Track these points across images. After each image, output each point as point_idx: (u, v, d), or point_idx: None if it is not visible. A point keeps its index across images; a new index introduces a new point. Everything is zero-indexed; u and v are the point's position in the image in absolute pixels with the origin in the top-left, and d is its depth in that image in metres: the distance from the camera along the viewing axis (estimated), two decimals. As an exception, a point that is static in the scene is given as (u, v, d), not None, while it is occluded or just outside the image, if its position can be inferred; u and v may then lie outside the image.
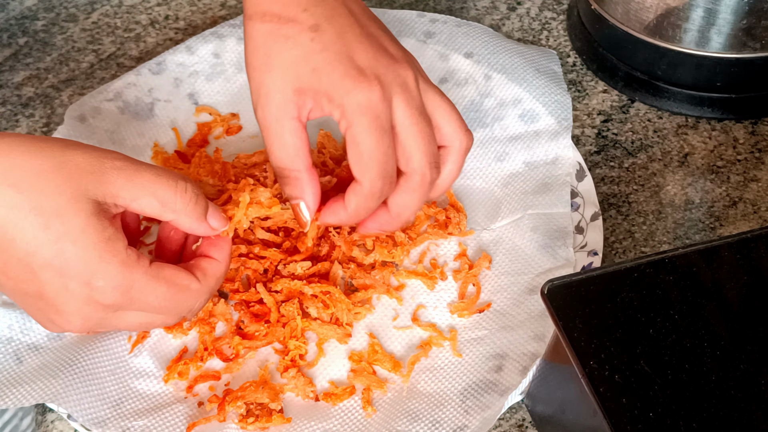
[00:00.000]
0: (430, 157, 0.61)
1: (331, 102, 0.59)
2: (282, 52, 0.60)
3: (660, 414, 0.46)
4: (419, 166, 0.61)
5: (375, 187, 0.60)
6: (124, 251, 0.54)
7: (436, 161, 0.62)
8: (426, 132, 0.61)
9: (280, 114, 0.60)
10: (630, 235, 0.70)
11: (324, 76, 0.59)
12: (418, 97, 0.61)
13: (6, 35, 0.86)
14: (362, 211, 0.61)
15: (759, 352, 0.49)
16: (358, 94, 0.59)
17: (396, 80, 0.60)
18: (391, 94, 0.60)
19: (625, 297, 0.50)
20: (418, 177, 0.61)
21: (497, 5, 0.87)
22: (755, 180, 0.72)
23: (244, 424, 0.59)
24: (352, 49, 0.60)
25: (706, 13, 0.72)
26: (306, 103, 0.60)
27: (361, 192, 0.60)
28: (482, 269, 0.67)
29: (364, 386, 0.61)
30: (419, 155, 0.60)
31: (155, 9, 0.88)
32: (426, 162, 0.61)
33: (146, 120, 0.76)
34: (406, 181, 0.62)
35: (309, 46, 0.60)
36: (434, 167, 0.61)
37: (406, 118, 0.60)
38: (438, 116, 0.62)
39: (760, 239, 0.53)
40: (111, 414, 0.60)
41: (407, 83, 0.61)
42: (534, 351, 0.61)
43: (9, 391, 0.58)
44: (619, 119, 0.77)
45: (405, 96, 0.60)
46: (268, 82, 0.60)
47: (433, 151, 0.61)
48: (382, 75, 0.60)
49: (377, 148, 0.59)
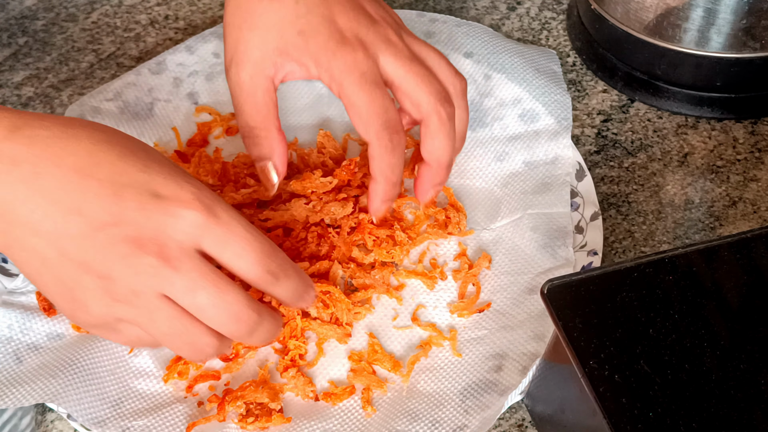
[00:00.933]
0: (437, 94, 0.61)
1: (319, 66, 0.60)
2: (266, 12, 0.60)
3: (660, 414, 0.46)
4: (430, 105, 0.61)
5: (383, 139, 0.60)
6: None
7: (445, 96, 0.62)
8: (423, 73, 0.61)
9: (256, 71, 0.60)
10: (630, 235, 0.70)
11: (310, 39, 0.60)
12: (405, 48, 0.62)
13: (6, 35, 0.86)
14: (387, 169, 0.61)
15: (759, 351, 0.49)
16: (343, 57, 0.60)
17: (378, 38, 0.61)
18: (376, 52, 0.61)
19: (624, 297, 0.50)
20: (435, 116, 0.61)
21: (497, 5, 0.87)
22: (755, 180, 0.72)
23: (243, 424, 0.59)
24: (334, 12, 0.61)
25: (706, 12, 0.72)
26: (285, 64, 0.60)
27: (374, 151, 0.61)
28: (482, 269, 0.67)
29: (364, 386, 0.61)
30: (426, 96, 0.61)
31: (155, 9, 0.88)
32: (435, 100, 0.61)
33: (146, 120, 0.76)
34: (426, 126, 0.62)
35: (293, 8, 0.60)
36: (446, 102, 0.62)
37: (399, 68, 0.61)
38: (431, 63, 0.63)
39: (760, 239, 0.53)
40: (111, 414, 0.60)
41: (390, 38, 0.61)
42: (534, 351, 0.61)
43: (9, 390, 0.58)
44: (618, 119, 0.77)
45: (391, 50, 0.61)
46: (247, 38, 0.60)
47: (438, 89, 0.62)
48: (363, 35, 0.61)
49: (372, 101, 0.60)
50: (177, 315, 0.51)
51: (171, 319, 0.51)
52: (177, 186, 0.50)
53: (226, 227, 0.50)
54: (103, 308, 0.51)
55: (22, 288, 0.65)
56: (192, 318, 0.51)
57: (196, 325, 0.51)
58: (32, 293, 0.65)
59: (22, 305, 0.64)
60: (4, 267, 0.66)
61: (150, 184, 0.50)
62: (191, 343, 0.52)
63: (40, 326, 0.63)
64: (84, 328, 0.56)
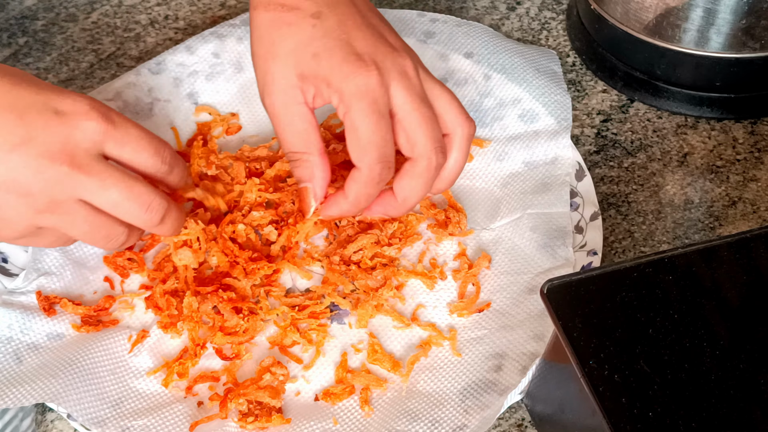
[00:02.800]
0: (434, 141, 0.61)
1: (330, 87, 0.60)
2: (285, 39, 0.61)
3: (659, 414, 0.46)
4: (425, 150, 0.61)
5: (374, 171, 0.60)
6: None
7: (441, 146, 0.62)
8: (429, 116, 0.61)
9: (287, 99, 0.61)
10: (629, 235, 0.70)
11: (323, 61, 0.60)
12: (419, 84, 0.62)
13: (6, 35, 0.86)
14: (362, 198, 0.62)
15: (759, 351, 0.49)
16: (356, 79, 0.59)
17: (394, 67, 0.61)
18: (389, 81, 0.60)
19: (624, 297, 0.50)
20: (425, 161, 0.61)
21: (497, 5, 0.87)
22: (754, 180, 0.73)
23: (243, 423, 0.59)
24: (352, 37, 0.61)
25: (706, 12, 0.72)
26: (309, 88, 0.61)
27: (360, 178, 0.61)
28: (482, 269, 0.67)
29: (363, 386, 0.61)
30: (424, 139, 0.61)
31: (155, 9, 0.88)
32: (431, 146, 0.61)
33: (146, 120, 0.76)
34: (412, 166, 0.62)
35: (310, 32, 0.61)
36: (440, 151, 0.62)
37: (407, 104, 0.61)
38: (439, 105, 0.63)
39: (760, 239, 0.53)
40: (111, 414, 0.60)
41: (406, 71, 0.61)
42: (533, 350, 0.61)
43: (9, 390, 0.58)
44: (618, 119, 0.77)
45: (404, 83, 0.61)
46: (272, 69, 0.61)
47: (437, 137, 0.62)
48: (380, 62, 0.60)
49: (375, 132, 0.60)
50: (93, 213, 0.58)
51: (88, 218, 0.58)
52: (72, 101, 0.57)
53: (123, 129, 0.58)
54: (26, 221, 0.57)
55: (22, 288, 0.65)
56: (106, 214, 0.58)
57: (111, 219, 0.59)
58: (32, 293, 0.65)
59: (22, 305, 0.64)
60: (4, 267, 0.66)
61: (49, 103, 0.56)
62: (107, 235, 0.59)
63: (40, 326, 0.63)
64: (5, 242, 0.60)
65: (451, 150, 0.63)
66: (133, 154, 0.58)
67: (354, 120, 0.60)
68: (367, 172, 0.61)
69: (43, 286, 0.65)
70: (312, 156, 0.62)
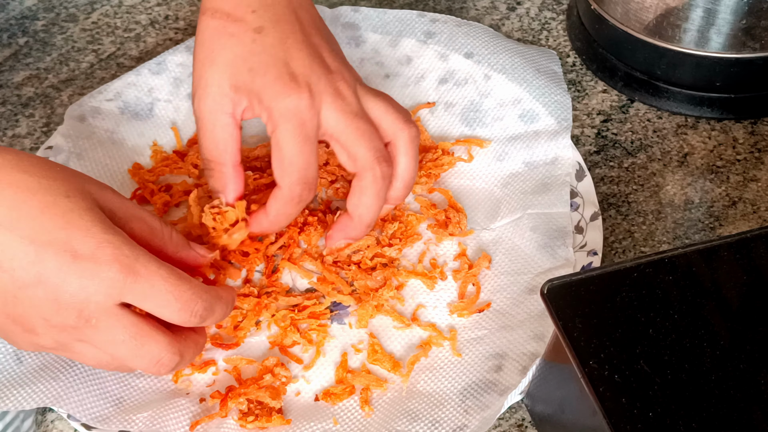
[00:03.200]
0: (375, 152, 0.62)
1: (261, 104, 0.61)
2: (225, 49, 0.62)
3: (660, 414, 0.46)
4: (367, 161, 0.62)
5: (294, 192, 0.61)
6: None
7: (383, 155, 0.63)
8: (365, 129, 0.62)
9: (215, 107, 0.62)
10: (629, 235, 0.70)
11: (258, 77, 0.61)
12: (355, 102, 0.63)
13: (6, 35, 0.86)
14: (282, 216, 0.63)
15: (759, 352, 0.49)
16: (286, 99, 0.60)
17: (327, 89, 0.62)
18: (320, 103, 0.61)
19: (624, 297, 0.50)
20: (370, 173, 0.62)
21: (497, 5, 0.87)
22: (755, 180, 0.73)
23: (243, 422, 0.59)
24: (290, 56, 0.62)
25: (706, 13, 0.72)
26: (241, 101, 0.61)
27: (280, 196, 0.62)
28: (482, 269, 0.67)
29: (363, 386, 0.61)
30: (363, 151, 0.62)
31: (155, 9, 0.88)
32: (372, 156, 0.62)
33: (146, 120, 0.76)
34: (359, 181, 0.63)
35: (250, 46, 0.62)
36: (383, 160, 0.63)
37: (341, 122, 0.62)
38: (376, 116, 0.64)
39: (760, 239, 0.53)
40: (112, 411, 0.60)
41: (340, 91, 0.62)
42: (534, 351, 0.61)
43: (9, 392, 0.58)
44: (618, 119, 0.77)
45: (337, 103, 0.62)
46: (207, 75, 0.62)
47: (378, 147, 0.62)
48: (314, 84, 0.61)
49: (299, 154, 0.61)
50: (100, 356, 0.55)
51: (95, 358, 0.55)
52: (96, 244, 0.51)
53: (146, 283, 0.52)
54: (31, 348, 0.55)
55: (22, 288, 0.65)
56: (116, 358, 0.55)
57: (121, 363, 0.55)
58: (32, 293, 0.65)
59: (23, 305, 0.64)
60: (4, 267, 0.66)
61: (69, 243, 0.51)
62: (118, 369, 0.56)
63: (41, 326, 0.63)
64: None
65: (398, 156, 0.64)
66: (156, 309, 0.54)
67: (279, 140, 0.61)
68: (287, 192, 0.61)
69: (44, 286, 0.66)
70: (226, 167, 0.63)
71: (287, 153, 0.61)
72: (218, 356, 0.63)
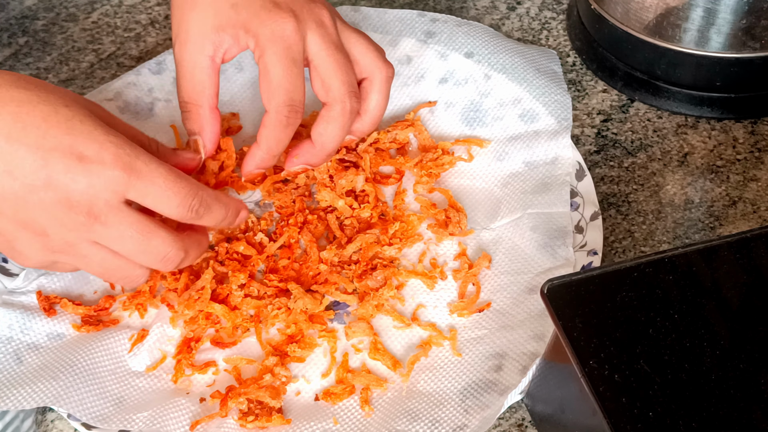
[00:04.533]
0: (348, 86, 0.64)
1: (248, 33, 0.62)
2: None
3: (660, 414, 0.46)
4: (339, 94, 0.64)
5: (281, 114, 0.63)
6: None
7: (355, 91, 0.65)
8: (342, 63, 0.64)
9: (195, 49, 0.63)
10: (630, 235, 0.70)
11: (242, 9, 0.62)
12: (335, 33, 0.64)
13: (6, 35, 0.86)
14: (273, 142, 0.64)
15: (759, 351, 0.49)
16: (272, 24, 0.62)
17: (311, 17, 0.63)
18: (305, 29, 0.63)
19: (624, 297, 0.50)
20: (339, 106, 0.64)
21: (497, 5, 0.87)
22: (755, 179, 0.73)
23: (243, 422, 0.59)
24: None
25: (706, 12, 0.72)
26: (224, 41, 0.63)
27: (269, 122, 0.63)
28: (482, 269, 0.67)
29: (363, 386, 0.61)
30: (338, 84, 0.64)
31: (155, 9, 0.88)
32: (345, 90, 0.64)
33: (146, 119, 0.76)
34: (327, 111, 0.64)
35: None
36: (353, 96, 0.64)
37: (322, 50, 0.63)
38: (356, 51, 0.66)
39: (760, 239, 0.53)
40: (113, 411, 0.60)
41: (323, 20, 0.64)
42: (534, 350, 0.61)
43: (9, 392, 0.58)
44: (618, 119, 0.77)
45: (320, 31, 0.63)
46: (188, 18, 0.63)
47: (351, 81, 0.64)
48: (297, 10, 0.63)
49: (285, 76, 0.62)
50: (108, 257, 0.57)
51: (104, 261, 0.58)
52: (99, 147, 0.55)
53: (147, 179, 0.56)
54: (40, 257, 0.58)
55: (22, 288, 0.65)
56: (122, 257, 0.58)
57: (127, 262, 0.58)
58: (32, 293, 0.65)
59: (22, 305, 0.64)
60: (4, 267, 0.66)
61: (74, 147, 0.54)
62: (124, 277, 0.59)
63: (40, 326, 0.63)
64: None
65: (371, 92, 0.66)
66: (156, 204, 0.57)
67: (267, 63, 0.62)
68: (275, 115, 0.63)
69: (44, 285, 0.66)
70: (203, 109, 0.64)
71: (274, 76, 0.62)
72: (218, 356, 0.63)
